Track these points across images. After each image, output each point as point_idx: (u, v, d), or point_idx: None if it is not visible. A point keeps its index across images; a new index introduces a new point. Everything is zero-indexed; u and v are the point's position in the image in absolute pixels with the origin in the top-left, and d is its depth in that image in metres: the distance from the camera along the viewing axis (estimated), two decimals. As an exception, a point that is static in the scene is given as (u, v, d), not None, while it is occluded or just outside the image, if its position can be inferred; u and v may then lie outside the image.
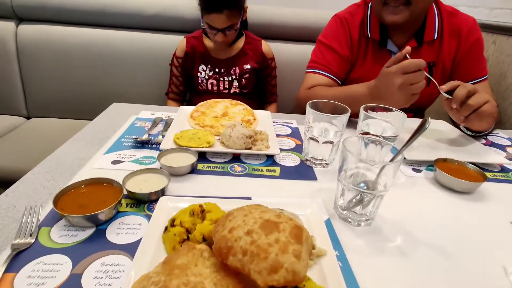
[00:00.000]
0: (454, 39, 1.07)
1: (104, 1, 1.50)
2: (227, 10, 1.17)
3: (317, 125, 0.75)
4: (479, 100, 0.81)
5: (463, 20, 1.06)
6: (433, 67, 1.09)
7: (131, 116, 0.96)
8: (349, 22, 1.11)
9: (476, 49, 1.07)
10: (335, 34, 1.13)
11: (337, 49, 1.11)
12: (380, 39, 1.07)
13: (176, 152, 0.72)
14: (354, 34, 1.11)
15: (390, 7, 0.97)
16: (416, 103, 1.14)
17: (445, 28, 1.06)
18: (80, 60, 1.56)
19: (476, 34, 1.06)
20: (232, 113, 0.98)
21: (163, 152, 0.70)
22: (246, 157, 0.77)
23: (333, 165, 0.77)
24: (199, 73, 1.36)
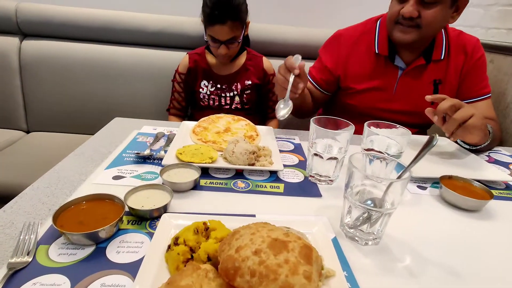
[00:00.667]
0: (461, 55, 1.10)
1: (108, 17, 1.53)
2: (230, 21, 1.19)
3: (320, 141, 0.75)
4: (464, 114, 0.82)
5: (467, 39, 1.11)
6: (439, 84, 1.12)
7: (133, 131, 0.95)
8: (342, 38, 1.17)
9: (480, 66, 1.10)
10: (326, 47, 1.23)
11: (322, 59, 1.20)
12: (389, 54, 1.10)
13: (178, 168, 0.71)
14: (343, 49, 1.16)
15: (401, 26, 1.01)
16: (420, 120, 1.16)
17: (452, 47, 1.09)
18: (82, 76, 1.56)
19: (480, 51, 1.10)
20: (234, 128, 0.97)
21: (165, 168, 0.69)
22: (249, 173, 0.76)
23: (338, 181, 0.76)
24: (201, 88, 1.36)
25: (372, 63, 1.13)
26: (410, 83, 1.12)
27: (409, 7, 0.96)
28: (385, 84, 1.13)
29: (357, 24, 1.19)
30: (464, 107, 0.82)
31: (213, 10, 1.17)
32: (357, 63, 1.15)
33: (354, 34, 1.15)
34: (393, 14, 1.02)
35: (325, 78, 1.19)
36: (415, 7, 0.96)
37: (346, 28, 1.20)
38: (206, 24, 1.22)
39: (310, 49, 1.57)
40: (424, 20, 0.97)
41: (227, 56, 1.28)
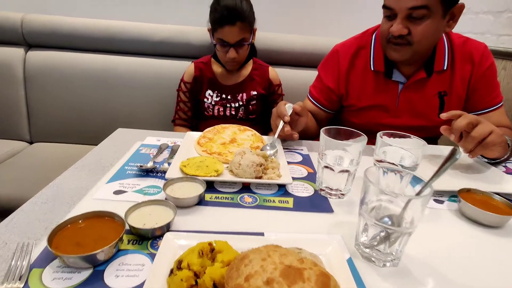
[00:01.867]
0: (467, 65, 1.04)
1: (112, 28, 1.52)
2: (239, 22, 1.18)
3: (330, 152, 0.71)
4: (482, 131, 0.78)
5: (474, 46, 1.04)
6: (445, 96, 1.06)
7: (136, 142, 0.93)
8: (340, 54, 1.13)
9: (490, 75, 1.04)
10: (324, 65, 1.19)
11: (323, 79, 1.16)
12: (385, 70, 1.06)
13: (182, 182, 0.67)
14: (343, 66, 1.11)
15: (392, 45, 0.97)
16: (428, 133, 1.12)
17: (457, 56, 1.04)
18: (86, 86, 1.55)
19: (489, 60, 1.04)
20: (240, 139, 0.94)
21: (169, 182, 0.66)
22: (256, 186, 0.72)
23: (349, 195, 0.72)
24: (205, 98, 1.34)
25: (371, 80, 1.09)
26: (413, 97, 1.07)
27: (397, 25, 0.92)
28: (386, 100, 1.09)
29: (354, 38, 1.15)
30: (482, 124, 0.78)
31: (222, 12, 1.17)
32: (357, 80, 1.11)
33: (351, 50, 1.11)
34: (383, 32, 0.99)
35: (327, 98, 1.16)
36: (404, 24, 0.91)
37: (342, 43, 1.16)
38: (215, 27, 1.21)
39: (318, 58, 1.55)
40: (415, 37, 0.92)
41: (235, 61, 1.26)
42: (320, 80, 1.18)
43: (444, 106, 1.07)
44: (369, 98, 1.11)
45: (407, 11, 0.89)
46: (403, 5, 0.89)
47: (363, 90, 1.11)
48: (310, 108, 1.18)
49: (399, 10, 0.90)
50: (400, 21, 0.91)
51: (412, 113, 1.09)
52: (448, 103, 1.07)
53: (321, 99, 1.17)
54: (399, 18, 0.91)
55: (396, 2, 0.90)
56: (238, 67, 1.32)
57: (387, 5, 0.93)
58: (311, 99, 1.19)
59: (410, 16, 0.90)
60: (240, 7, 1.19)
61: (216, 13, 1.19)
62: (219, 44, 1.23)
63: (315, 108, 1.18)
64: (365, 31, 1.14)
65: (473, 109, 1.08)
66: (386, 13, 0.96)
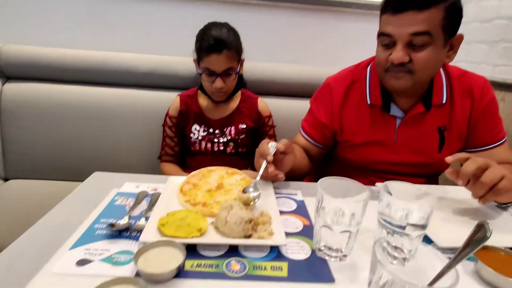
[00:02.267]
0: (467, 100, 0.99)
1: (94, 58, 1.45)
2: (226, 50, 1.14)
3: (329, 205, 0.63)
4: (493, 176, 0.71)
5: (474, 80, 0.99)
6: (445, 131, 1.00)
7: (112, 190, 0.83)
8: (332, 87, 1.07)
9: (491, 111, 0.99)
10: (316, 99, 1.13)
11: (315, 113, 1.10)
12: (383, 104, 1.00)
13: (159, 247, 0.58)
14: (336, 100, 1.05)
15: (391, 73, 0.90)
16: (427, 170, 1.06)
17: (456, 90, 0.99)
18: (67, 120, 1.46)
19: (490, 95, 0.99)
20: (228, 184, 0.86)
21: (142, 249, 0.57)
22: (245, 248, 0.63)
23: (352, 257, 0.63)
24: (192, 133, 1.26)
25: (367, 115, 1.03)
26: (411, 133, 1.01)
27: (397, 52, 0.85)
28: (384, 136, 1.03)
29: (347, 71, 1.09)
30: (492, 168, 0.72)
31: (209, 40, 1.13)
32: (352, 115, 1.05)
33: (345, 83, 1.05)
34: (381, 62, 0.92)
35: (320, 133, 1.09)
36: (405, 51, 0.85)
37: (334, 76, 1.10)
38: (201, 55, 1.16)
39: (310, 88, 1.50)
40: (416, 65, 0.86)
41: (222, 91, 1.20)
42: (312, 114, 1.11)
43: (444, 142, 1.01)
44: (365, 133, 1.04)
45: (408, 37, 0.83)
46: (404, 31, 0.83)
47: (359, 126, 1.05)
48: (302, 143, 1.12)
49: (399, 36, 0.84)
50: (400, 48, 0.85)
51: (411, 149, 1.03)
52: (448, 139, 1.01)
53: (313, 134, 1.10)
54: (400, 45, 0.85)
55: (396, 28, 0.84)
56: (225, 98, 1.26)
57: (386, 32, 0.87)
58: (303, 134, 1.13)
59: (411, 43, 0.84)
60: (226, 36, 1.15)
61: (203, 42, 1.15)
62: (205, 73, 1.17)
63: (308, 143, 1.11)
64: (357, 64, 1.09)
65: (475, 145, 1.02)
66: (383, 41, 0.89)
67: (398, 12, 0.83)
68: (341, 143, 1.09)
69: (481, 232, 0.44)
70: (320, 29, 1.73)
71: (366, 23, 1.68)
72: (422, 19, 0.81)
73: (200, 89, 1.29)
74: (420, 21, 0.81)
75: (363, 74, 1.05)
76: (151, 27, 1.69)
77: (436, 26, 0.82)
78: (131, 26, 1.68)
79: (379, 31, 0.90)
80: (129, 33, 1.69)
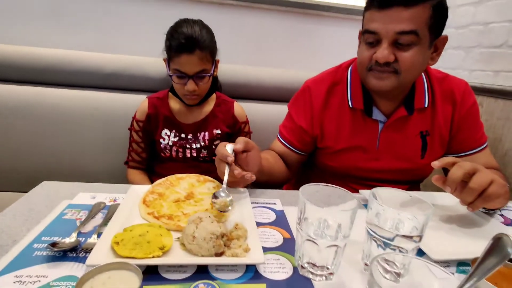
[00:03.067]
0: (448, 104, 0.96)
1: (52, 57, 1.31)
2: (199, 50, 1.04)
3: (312, 216, 0.56)
4: (481, 181, 0.68)
5: (455, 84, 0.96)
6: (427, 136, 0.96)
7: (63, 202, 0.71)
8: (312, 90, 1.01)
9: (473, 115, 0.96)
10: (295, 103, 1.06)
11: (294, 118, 1.03)
12: (365, 108, 0.94)
13: (109, 271, 0.47)
14: (316, 103, 0.99)
15: (376, 73, 0.85)
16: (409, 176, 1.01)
17: (437, 94, 0.95)
18: (23, 123, 1.30)
19: (471, 99, 0.96)
20: (199, 194, 0.76)
21: (87, 274, 0.46)
22: (216, 268, 0.54)
23: (339, 274, 0.55)
24: (161, 138, 1.16)
25: (349, 119, 0.97)
26: (394, 138, 0.96)
27: (383, 51, 0.80)
28: (365, 141, 0.97)
29: (326, 73, 1.04)
30: (480, 172, 0.68)
31: (179, 39, 1.03)
32: (333, 119, 0.98)
33: (325, 86, 0.99)
34: (364, 60, 0.87)
35: (300, 139, 1.02)
36: (390, 50, 0.80)
37: (314, 79, 1.04)
38: (172, 56, 1.06)
39: (287, 92, 1.45)
40: (403, 64, 0.81)
41: (195, 95, 1.10)
42: (291, 119, 1.04)
43: (426, 147, 0.97)
44: (347, 139, 0.98)
45: (394, 35, 0.79)
46: (391, 29, 0.78)
47: (340, 131, 0.98)
48: (280, 150, 1.04)
49: (386, 34, 0.79)
50: (386, 46, 0.80)
51: (393, 155, 0.98)
52: (430, 144, 0.97)
53: (292, 140, 1.03)
54: (385, 43, 0.80)
55: (383, 25, 0.79)
56: (198, 102, 1.16)
57: (371, 29, 0.82)
58: (281, 140, 1.05)
59: (397, 42, 0.80)
60: (199, 34, 1.05)
61: (173, 40, 1.04)
62: (175, 75, 1.07)
63: (286, 150, 1.04)
64: (338, 66, 1.04)
65: (457, 150, 0.99)
66: (367, 39, 0.84)
67: (384, 8, 0.78)
68: (322, 149, 1.03)
69: (500, 247, 0.37)
70: (298, 33, 1.68)
71: (344, 28, 1.66)
72: (409, 17, 0.76)
73: (171, 91, 1.19)
74: (407, 18, 0.77)
75: (344, 76, 0.99)
76: (118, 25, 1.57)
77: (423, 24, 0.78)
78: (96, 24, 1.56)
79: (362, 29, 0.86)
80: (95, 32, 1.57)
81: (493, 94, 1.25)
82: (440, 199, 0.88)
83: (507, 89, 1.22)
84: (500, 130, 1.20)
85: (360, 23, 0.88)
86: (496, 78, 1.27)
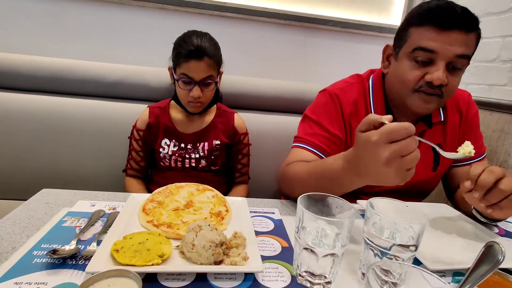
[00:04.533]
0: (456, 114, 0.97)
1: (56, 66, 1.33)
2: (207, 58, 1.08)
3: (310, 225, 0.56)
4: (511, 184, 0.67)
5: (460, 94, 0.98)
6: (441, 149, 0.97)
7: (62, 209, 0.72)
8: (341, 98, 0.96)
9: (475, 125, 0.99)
10: (325, 110, 0.97)
11: (327, 126, 0.95)
12: None
13: (109, 278, 0.48)
14: (346, 111, 0.95)
15: (424, 95, 0.83)
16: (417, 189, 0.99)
17: (448, 107, 0.97)
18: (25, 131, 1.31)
19: (474, 108, 0.99)
20: (198, 202, 0.77)
21: (89, 281, 0.46)
22: (215, 276, 0.54)
23: (336, 283, 0.56)
24: (161, 148, 1.17)
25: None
26: None
27: (440, 73, 0.77)
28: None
29: (349, 83, 0.99)
30: (509, 177, 0.67)
31: (189, 47, 1.06)
32: (349, 127, 0.96)
33: (352, 95, 0.96)
34: (412, 79, 0.82)
35: (335, 148, 0.95)
36: (445, 72, 0.79)
37: (340, 88, 0.98)
38: (180, 61, 1.09)
39: (286, 102, 1.47)
40: (450, 89, 0.81)
41: (199, 102, 1.12)
42: (321, 127, 0.96)
43: (439, 161, 0.98)
44: None
45: (453, 58, 0.78)
46: (452, 51, 0.77)
47: None
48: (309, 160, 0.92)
49: (444, 55, 0.77)
50: (444, 69, 0.78)
51: None
52: (442, 157, 0.96)
53: (327, 149, 0.94)
54: (441, 65, 0.78)
55: (442, 45, 0.77)
56: (201, 111, 1.18)
57: (429, 47, 0.78)
58: (311, 150, 0.94)
59: (451, 64, 0.79)
60: (208, 45, 1.10)
61: (182, 47, 1.08)
62: (182, 80, 1.09)
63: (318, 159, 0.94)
64: (358, 76, 1.02)
65: (460, 160, 1.00)
66: (419, 56, 0.81)
67: (446, 29, 0.76)
68: None
69: (491, 255, 0.38)
70: (297, 45, 1.71)
71: (342, 41, 1.69)
72: (467, 41, 0.77)
73: (174, 99, 1.20)
74: (465, 42, 0.77)
75: (366, 86, 0.98)
76: (120, 35, 1.60)
77: (472, 50, 0.80)
78: (97, 34, 1.58)
79: (413, 45, 0.81)
80: (96, 41, 1.59)
81: (488, 107, 1.27)
82: (436, 210, 0.89)
83: (501, 102, 1.25)
84: (495, 142, 1.22)
85: (356, 37, 0.90)
86: (490, 92, 1.30)
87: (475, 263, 0.39)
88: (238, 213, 0.74)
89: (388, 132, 0.57)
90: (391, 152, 0.56)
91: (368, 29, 1.67)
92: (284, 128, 1.42)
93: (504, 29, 1.29)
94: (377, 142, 0.57)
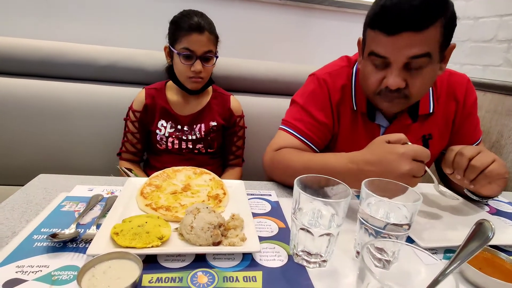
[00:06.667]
0: (451, 103, 0.94)
1: (48, 49, 1.30)
2: (208, 33, 1.09)
3: (307, 206, 0.58)
4: (483, 160, 0.71)
5: (457, 81, 0.94)
6: (429, 140, 0.95)
7: (60, 194, 0.72)
8: (329, 84, 0.94)
9: (473, 112, 0.96)
10: (313, 97, 0.95)
11: (314, 114, 0.93)
12: (368, 112, 0.91)
13: (110, 261, 0.49)
14: (334, 98, 0.93)
15: (385, 97, 0.80)
16: None
17: (442, 96, 0.93)
18: (17, 116, 1.29)
19: (473, 96, 0.95)
20: (196, 185, 0.78)
21: (90, 263, 0.47)
22: (214, 257, 0.56)
23: (332, 261, 0.58)
24: (158, 129, 1.16)
25: (353, 120, 0.94)
26: None
27: (394, 78, 0.74)
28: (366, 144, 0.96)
29: (338, 66, 0.96)
30: (483, 152, 0.73)
31: (190, 20, 1.07)
32: (346, 118, 0.94)
33: (340, 81, 0.93)
34: (372, 84, 0.80)
35: (322, 135, 0.94)
36: (401, 76, 0.74)
37: (328, 72, 0.95)
38: (180, 36, 1.08)
39: (280, 85, 1.46)
40: (413, 90, 0.77)
41: (200, 77, 1.12)
42: (309, 114, 0.94)
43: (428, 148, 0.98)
44: (351, 140, 0.95)
45: (406, 60, 0.72)
46: (403, 54, 0.72)
47: (347, 131, 0.95)
48: (295, 145, 0.93)
49: (396, 60, 0.73)
50: (397, 73, 0.74)
51: None
52: (432, 147, 0.96)
53: (313, 136, 0.93)
54: (396, 69, 0.74)
55: (393, 51, 0.72)
56: (200, 88, 1.17)
57: (380, 54, 0.74)
58: (296, 135, 0.93)
59: (407, 66, 0.74)
60: (207, 21, 1.11)
61: (182, 22, 1.09)
62: (183, 55, 1.08)
63: (303, 145, 0.93)
64: (348, 59, 0.97)
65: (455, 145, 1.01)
66: (375, 61, 0.77)
67: (393, 34, 0.71)
68: (328, 150, 0.98)
69: (481, 232, 0.40)
70: (292, 25, 1.69)
71: (337, 21, 1.66)
72: (421, 40, 0.70)
73: (172, 78, 1.18)
74: (419, 42, 0.71)
75: (349, 74, 0.94)
76: (113, 17, 1.55)
77: (435, 45, 0.72)
78: (90, 16, 1.53)
79: (369, 49, 0.78)
80: (89, 24, 1.55)
81: (482, 88, 1.27)
82: (428, 190, 0.91)
83: (495, 83, 1.25)
84: (488, 123, 1.23)
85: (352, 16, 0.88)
86: (484, 72, 1.30)
87: (465, 240, 0.40)
88: (235, 195, 0.75)
89: (416, 149, 0.67)
90: (411, 168, 0.65)
91: (364, 8, 1.64)
92: (279, 111, 1.40)
93: (502, 7, 1.27)
94: (403, 154, 0.66)
